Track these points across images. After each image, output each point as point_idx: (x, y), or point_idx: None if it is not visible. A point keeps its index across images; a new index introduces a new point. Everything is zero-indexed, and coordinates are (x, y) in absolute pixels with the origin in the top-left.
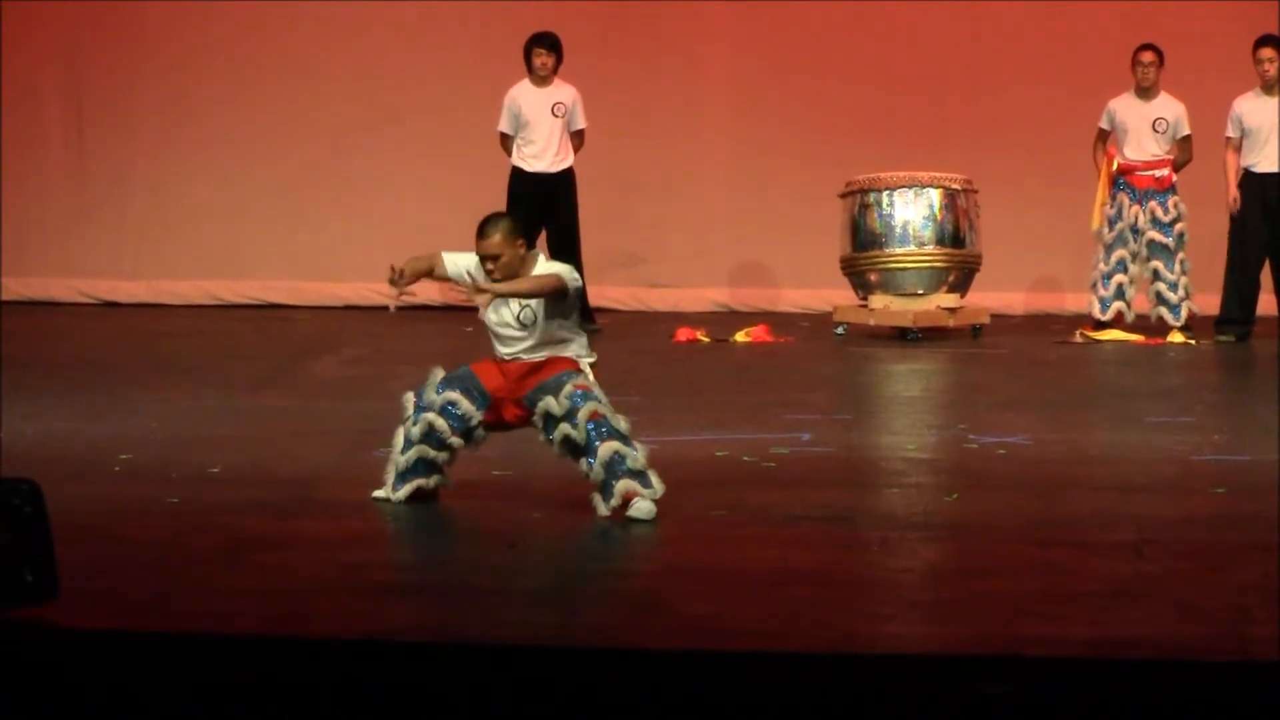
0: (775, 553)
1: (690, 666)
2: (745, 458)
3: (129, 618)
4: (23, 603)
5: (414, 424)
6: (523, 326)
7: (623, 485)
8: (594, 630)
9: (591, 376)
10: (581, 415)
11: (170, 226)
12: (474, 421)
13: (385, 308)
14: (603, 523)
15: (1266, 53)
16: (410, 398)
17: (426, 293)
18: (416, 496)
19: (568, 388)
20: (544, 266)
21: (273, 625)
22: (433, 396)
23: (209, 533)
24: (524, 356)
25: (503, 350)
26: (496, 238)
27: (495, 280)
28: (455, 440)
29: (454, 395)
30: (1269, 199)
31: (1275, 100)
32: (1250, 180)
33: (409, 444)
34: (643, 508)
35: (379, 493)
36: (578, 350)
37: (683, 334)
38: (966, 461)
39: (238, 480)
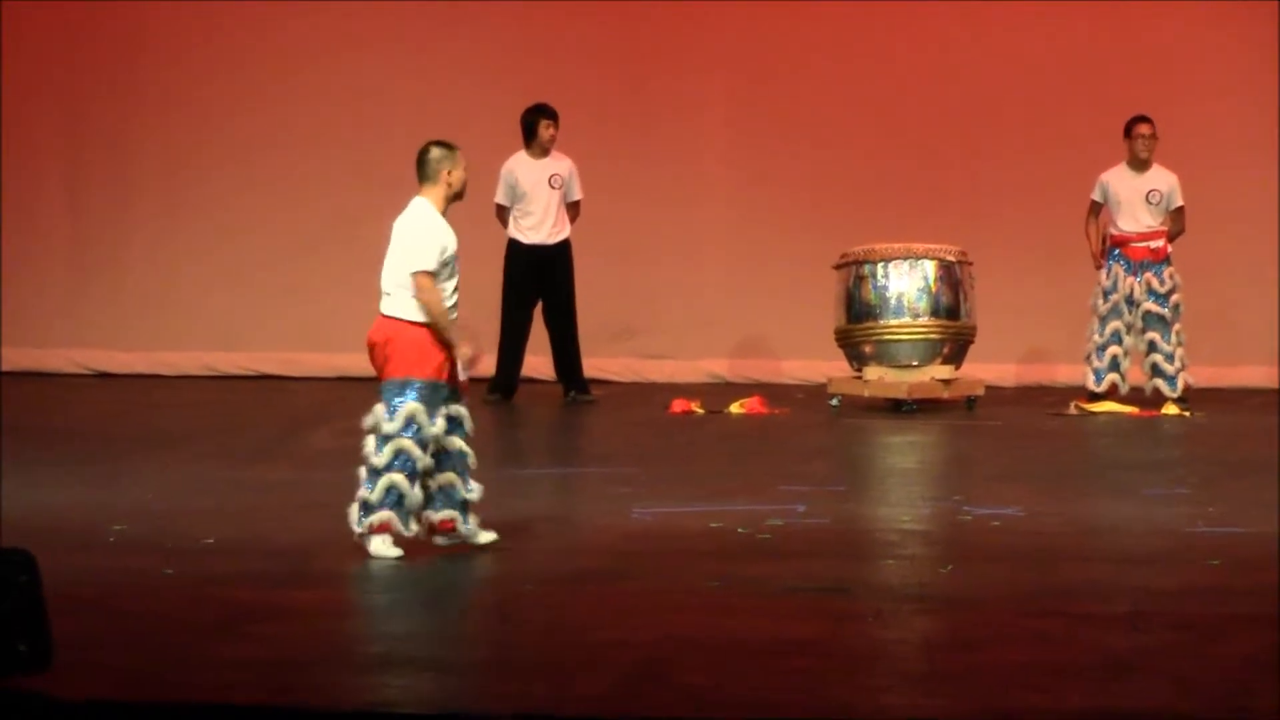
0: (770, 623)
1: None
2: (740, 529)
3: (123, 688)
4: (16, 673)
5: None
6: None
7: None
8: (591, 701)
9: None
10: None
11: (167, 298)
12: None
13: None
14: (597, 592)
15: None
16: (414, 448)
17: None
18: (429, 530)
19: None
20: (417, 205)
21: (268, 696)
22: (430, 422)
23: (204, 604)
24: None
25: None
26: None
27: None
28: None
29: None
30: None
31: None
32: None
33: (415, 477)
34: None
35: (381, 550)
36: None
37: (678, 405)
38: (961, 533)
39: (233, 551)
